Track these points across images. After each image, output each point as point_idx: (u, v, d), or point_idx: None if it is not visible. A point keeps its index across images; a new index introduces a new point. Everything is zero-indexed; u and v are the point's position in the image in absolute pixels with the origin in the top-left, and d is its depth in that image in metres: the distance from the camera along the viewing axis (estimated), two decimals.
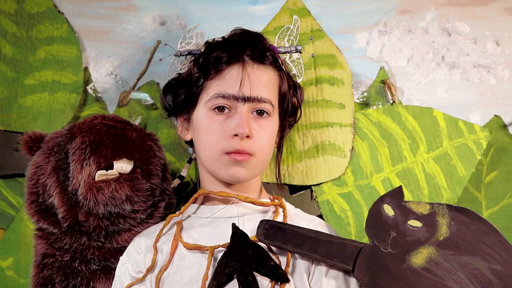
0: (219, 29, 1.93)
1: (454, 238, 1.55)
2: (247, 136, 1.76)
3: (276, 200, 1.90)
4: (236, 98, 1.77)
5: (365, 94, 2.31)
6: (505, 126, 2.28)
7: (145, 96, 2.31)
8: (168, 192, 2.06)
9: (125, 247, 1.94)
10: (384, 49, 2.34)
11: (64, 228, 1.97)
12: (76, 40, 2.36)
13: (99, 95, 2.35)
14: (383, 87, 2.30)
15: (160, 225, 1.88)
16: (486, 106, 2.30)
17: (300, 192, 2.26)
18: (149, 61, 2.34)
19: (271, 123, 1.84)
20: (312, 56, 1.99)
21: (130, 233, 1.97)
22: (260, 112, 1.81)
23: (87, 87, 2.34)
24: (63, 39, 2.38)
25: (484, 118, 2.30)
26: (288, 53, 1.95)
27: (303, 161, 2.26)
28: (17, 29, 2.36)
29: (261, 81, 1.81)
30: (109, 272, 1.98)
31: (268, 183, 2.23)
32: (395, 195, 1.64)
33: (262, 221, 1.72)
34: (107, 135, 1.95)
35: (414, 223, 1.59)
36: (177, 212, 1.87)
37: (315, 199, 2.26)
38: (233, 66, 1.80)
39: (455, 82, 2.32)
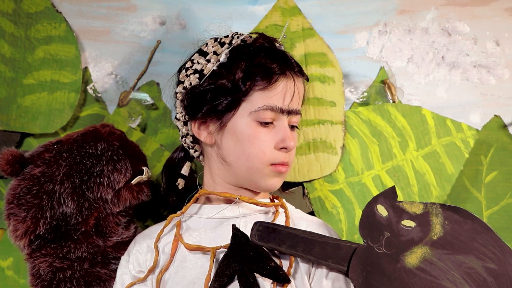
0: (219, 29, 1.92)
1: (448, 238, 1.55)
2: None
3: (276, 201, 1.90)
4: (282, 111, 1.79)
5: (365, 94, 2.31)
6: (505, 126, 2.28)
7: (145, 96, 2.31)
8: None
9: (124, 240, 2.01)
10: (384, 49, 2.34)
11: (77, 236, 1.98)
12: (74, 40, 2.35)
13: (99, 95, 2.35)
14: (383, 87, 2.30)
15: (161, 225, 1.88)
16: (486, 106, 2.31)
17: (292, 189, 2.27)
18: (149, 61, 2.34)
19: (296, 134, 1.89)
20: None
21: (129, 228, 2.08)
22: (294, 126, 1.86)
23: (87, 87, 2.34)
24: (61, 38, 2.37)
25: (484, 118, 2.30)
26: None
27: (295, 158, 2.25)
28: (15, 29, 2.36)
29: (301, 94, 1.86)
30: None
31: None
32: (389, 195, 1.63)
33: (256, 223, 1.71)
34: (126, 141, 2.06)
35: (408, 223, 1.58)
36: (178, 212, 1.87)
37: (306, 196, 2.27)
38: (283, 79, 1.80)
39: (455, 82, 2.32)
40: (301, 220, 1.85)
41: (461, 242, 1.54)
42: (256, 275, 1.66)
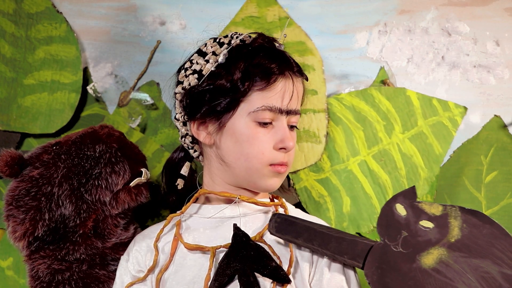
0: (219, 29, 1.93)
1: (466, 241, 1.56)
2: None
3: (276, 200, 1.90)
4: (281, 112, 1.78)
5: None
6: (505, 126, 2.28)
7: (145, 96, 2.31)
8: None
9: (123, 241, 2.02)
10: (384, 49, 2.34)
11: (75, 238, 1.98)
12: (75, 40, 2.35)
13: (99, 95, 2.35)
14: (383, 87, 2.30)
15: (160, 225, 1.88)
16: (486, 106, 2.30)
17: None
18: (149, 61, 2.34)
19: (295, 133, 1.88)
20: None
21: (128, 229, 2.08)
22: (293, 126, 1.85)
23: (87, 87, 2.34)
24: (62, 38, 2.37)
25: (484, 118, 2.30)
26: None
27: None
28: (16, 29, 2.36)
29: (300, 94, 1.85)
30: None
31: None
32: (408, 195, 1.64)
33: (274, 215, 1.73)
34: (125, 143, 2.05)
35: (426, 223, 1.59)
36: (178, 212, 1.86)
37: (292, 187, 2.26)
38: (282, 79, 1.79)
39: (455, 82, 2.32)
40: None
41: (478, 246, 1.55)
42: (257, 274, 1.66)
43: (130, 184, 2.01)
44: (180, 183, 1.98)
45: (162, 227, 1.86)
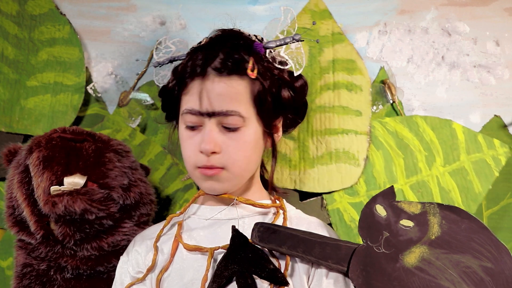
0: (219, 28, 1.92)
1: (446, 237, 1.56)
2: (215, 152, 1.74)
3: (277, 202, 1.89)
4: (201, 114, 1.74)
5: None
6: (505, 126, 2.27)
7: (145, 96, 2.31)
8: (145, 195, 2.09)
9: (96, 255, 1.99)
10: (384, 49, 2.33)
11: (39, 239, 2.00)
12: (78, 42, 2.36)
13: (99, 95, 2.36)
14: (383, 87, 2.29)
15: (160, 225, 1.88)
16: (486, 106, 2.30)
17: (311, 199, 2.25)
18: (149, 61, 2.32)
19: (244, 135, 1.76)
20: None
21: (101, 240, 1.99)
22: (229, 127, 1.75)
23: (87, 87, 2.35)
24: (65, 40, 2.38)
25: (484, 118, 2.29)
26: (283, 45, 1.82)
27: (315, 167, 2.25)
28: (19, 31, 2.37)
29: (224, 94, 1.74)
30: (81, 281, 2.02)
31: (286, 188, 2.24)
32: (387, 195, 1.64)
33: (256, 224, 1.70)
34: (60, 150, 1.97)
35: (406, 222, 1.59)
36: (178, 212, 1.87)
37: (325, 207, 2.24)
38: (196, 80, 1.76)
39: (455, 82, 2.31)
40: (301, 221, 1.84)
41: (458, 242, 1.55)
42: (255, 277, 1.66)
43: (51, 193, 1.95)
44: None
45: (162, 228, 1.86)
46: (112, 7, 2.39)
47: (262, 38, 1.86)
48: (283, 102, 1.82)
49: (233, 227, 1.72)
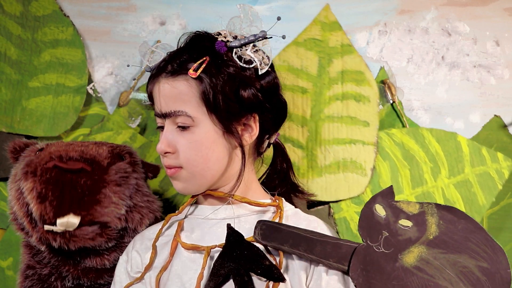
0: (218, 29, 1.92)
1: (443, 237, 1.57)
2: (169, 152, 1.79)
3: (276, 201, 1.88)
4: (159, 116, 1.81)
5: None
6: (505, 126, 2.27)
7: (145, 96, 2.29)
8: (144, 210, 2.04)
9: (98, 268, 1.99)
10: (384, 49, 2.33)
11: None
12: (81, 43, 2.36)
13: (99, 95, 2.36)
14: (383, 87, 2.30)
15: (159, 225, 1.89)
16: (486, 106, 2.30)
17: (318, 208, 2.26)
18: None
19: (194, 134, 1.78)
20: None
21: (102, 258, 1.99)
22: (182, 126, 1.79)
23: (87, 87, 2.35)
24: (68, 42, 2.38)
25: (484, 118, 2.29)
26: (249, 43, 1.83)
27: (323, 176, 2.26)
28: (23, 32, 2.37)
29: (170, 95, 1.78)
30: None
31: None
32: (386, 195, 1.65)
33: (259, 222, 1.72)
34: (55, 188, 1.89)
35: (405, 222, 1.60)
36: (176, 212, 1.87)
37: (332, 216, 2.25)
38: (155, 84, 1.82)
39: (455, 82, 2.31)
40: (299, 219, 1.84)
41: (455, 242, 1.57)
42: (251, 274, 1.66)
43: (44, 228, 1.91)
44: None
45: (160, 227, 1.86)
46: (112, 7, 2.39)
47: (236, 36, 1.85)
48: (243, 101, 1.81)
49: (228, 225, 1.72)
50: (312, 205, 2.26)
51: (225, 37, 1.84)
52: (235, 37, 1.84)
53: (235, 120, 1.80)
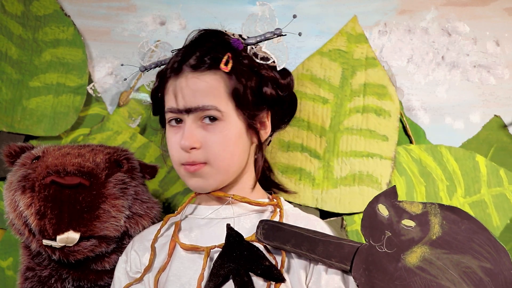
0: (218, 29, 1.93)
1: (446, 237, 1.56)
2: (195, 148, 1.76)
3: (274, 200, 1.88)
4: (179, 111, 1.77)
5: None
6: (505, 126, 2.27)
7: (145, 96, 2.31)
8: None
9: (99, 270, 1.99)
10: (384, 49, 2.33)
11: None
12: (82, 43, 2.37)
13: (99, 95, 2.36)
14: None
15: (158, 226, 1.89)
16: (486, 106, 2.29)
17: (331, 219, 2.25)
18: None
19: (224, 128, 1.77)
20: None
21: (103, 261, 1.99)
22: (211, 118, 1.76)
23: (87, 87, 2.34)
24: (69, 42, 2.39)
25: (484, 118, 2.29)
26: (264, 40, 1.84)
27: (338, 188, 2.25)
28: (24, 31, 2.38)
29: (199, 90, 1.76)
30: None
31: (307, 206, 2.25)
32: (389, 194, 1.64)
33: (261, 222, 1.72)
34: (54, 205, 1.86)
35: (408, 222, 1.59)
36: (175, 212, 1.87)
37: (344, 228, 2.24)
38: (173, 78, 1.80)
39: (455, 82, 2.31)
40: (299, 218, 1.84)
41: (458, 242, 1.55)
42: (251, 274, 1.66)
43: (43, 242, 1.90)
44: None
45: (159, 228, 1.86)
46: (112, 7, 2.40)
47: (247, 37, 1.86)
48: (265, 98, 1.83)
49: (228, 225, 1.72)
50: (325, 216, 2.24)
51: (241, 37, 1.86)
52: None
53: (256, 116, 1.82)
